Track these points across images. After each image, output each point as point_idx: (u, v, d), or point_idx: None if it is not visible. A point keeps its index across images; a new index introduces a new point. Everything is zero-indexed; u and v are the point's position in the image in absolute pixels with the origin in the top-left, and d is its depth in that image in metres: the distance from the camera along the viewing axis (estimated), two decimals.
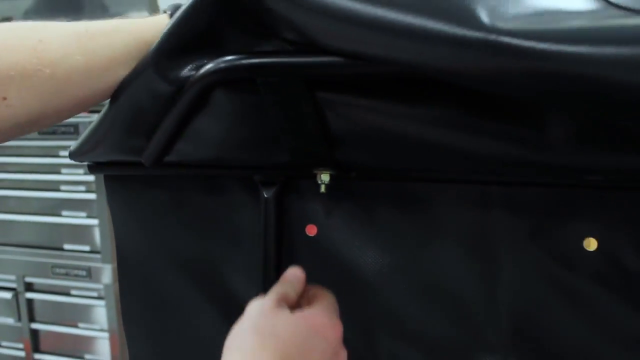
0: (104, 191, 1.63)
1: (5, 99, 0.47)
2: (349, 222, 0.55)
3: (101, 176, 0.63)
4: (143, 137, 0.53)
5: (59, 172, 1.72)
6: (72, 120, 1.60)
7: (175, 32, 0.48)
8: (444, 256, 0.53)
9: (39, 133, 1.66)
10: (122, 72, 0.51)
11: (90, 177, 1.66)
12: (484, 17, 0.36)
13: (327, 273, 0.56)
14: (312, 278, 0.55)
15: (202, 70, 0.45)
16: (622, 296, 0.49)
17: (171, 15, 0.51)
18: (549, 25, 0.35)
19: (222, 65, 0.45)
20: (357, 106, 0.47)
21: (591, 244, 0.49)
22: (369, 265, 0.55)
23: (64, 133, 1.66)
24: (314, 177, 0.52)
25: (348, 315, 0.55)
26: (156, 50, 0.48)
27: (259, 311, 0.47)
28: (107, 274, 1.65)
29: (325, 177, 0.51)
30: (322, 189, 0.52)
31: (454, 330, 0.54)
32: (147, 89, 0.48)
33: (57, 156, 1.70)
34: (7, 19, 1.91)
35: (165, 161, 0.54)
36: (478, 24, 0.36)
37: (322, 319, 0.48)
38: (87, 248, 1.67)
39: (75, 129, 1.65)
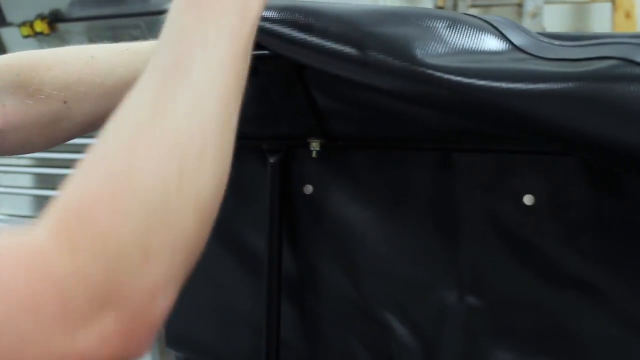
0: None
1: (65, 102, 0.61)
2: (338, 182, 0.67)
3: None
4: None
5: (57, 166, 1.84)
6: None
7: None
8: (414, 210, 0.65)
9: None
10: None
11: None
12: (418, 53, 0.50)
13: (320, 224, 0.68)
14: (308, 229, 0.68)
15: None
16: (555, 241, 0.60)
17: None
18: (466, 64, 0.49)
19: None
20: (339, 84, 0.59)
21: (529, 200, 0.61)
22: (353, 217, 0.67)
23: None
24: (308, 145, 0.64)
25: (336, 258, 0.68)
26: None
27: None
28: None
29: (316, 145, 0.64)
30: (314, 154, 0.64)
31: (422, 270, 0.65)
32: None
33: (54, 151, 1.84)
34: (55, 11, 2.05)
35: None
36: (412, 59, 0.50)
37: None
38: None
39: None
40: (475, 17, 0.54)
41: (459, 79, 0.48)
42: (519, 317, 0.63)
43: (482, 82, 0.48)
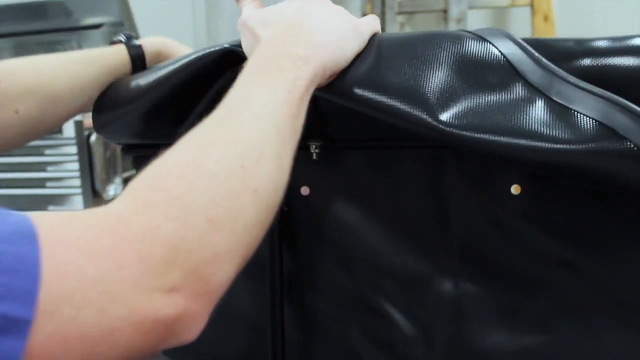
0: (88, 187, 1.79)
1: (17, 112, 0.66)
2: (334, 182, 0.71)
3: (87, 171, 0.83)
4: (170, 124, 0.68)
5: (44, 170, 1.83)
6: None
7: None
8: (408, 204, 0.69)
9: None
10: (96, 89, 0.73)
11: (74, 174, 1.78)
12: (433, 105, 0.57)
13: (318, 224, 0.71)
14: (305, 230, 0.71)
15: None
16: (540, 228, 0.66)
17: (126, 43, 0.76)
18: (483, 118, 0.56)
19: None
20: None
21: (516, 189, 0.66)
22: (349, 215, 0.71)
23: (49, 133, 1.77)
24: (308, 147, 0.68)
25: (334, 256, 0.72)
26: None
27: None
28: None
29: (316, 147, 0.67)
30: (314, 156, 0.67)
31: (417, 261, 0.70)
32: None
33: (42, 155, 1.82)
34: None
35: None
36: (428, 111, 0.57)
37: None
38: None
39: (59, 129, 1.77)
40: (486, 41, 0.59)
41: (477, 135, 0.55)
42: (510, 298, 0.68)
43: (498, 138, 0.54)
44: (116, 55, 0.76)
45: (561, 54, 0.59)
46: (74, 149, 1.78)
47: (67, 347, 0.33)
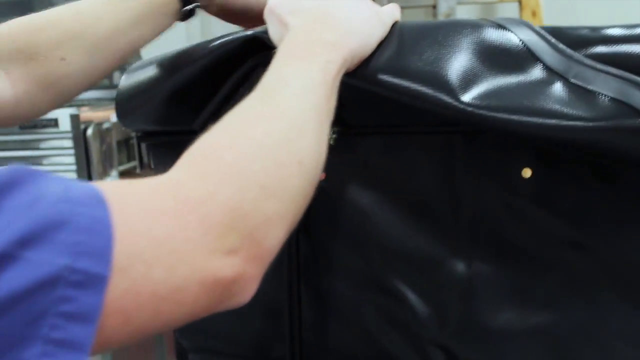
0: (85, 180, 1.80)
1: (63, 59, 0.64)
2: (349, 168, 0.73)
3: (83, 165, 0.81)
4: (191, 110, 0.70)
5: (40, 163, 1.83)
6: (51, 115, 1.73)
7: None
8: (421, 188, 0.71)
9: (20, 127, 1.78)
10: (144, 29, 0.69)
11: (70, 167, 1.79)
12: (455, 86, 0.59)
13: (333, 209, 0.73)
14: (321, 214, 0.73)
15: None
16: (549, 210, 0.68)
17: None
18: (506, 100, 0.58)
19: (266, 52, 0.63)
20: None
21: (527, 173, 0.68)
22: (364, 199, 0.73)
23: (44, 127, 1.78)
24: None
25: (349, 239, 0.74)
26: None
27: None
28: None
29: (333, 133, 0.69)
30: (331, 141, 0.69)
31: (430, 243, 0.72)
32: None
33: (38, 149, 1.82)
34: None
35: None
36: (450, 92, 0.59)
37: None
38: None
39: (55, 122, 1.77)
40: (505, 29, 0.62)
41: (498, 115, 0.57)
42: (520, 278, 0.70)
43: (518, 117, 0.57)
44: None
45: (576, 42, 0.61)
46: (70, 143, 1.78)
47: (139, 303, 0.35)
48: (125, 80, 0.74)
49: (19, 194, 0.35)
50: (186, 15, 0.72)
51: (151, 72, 0.72)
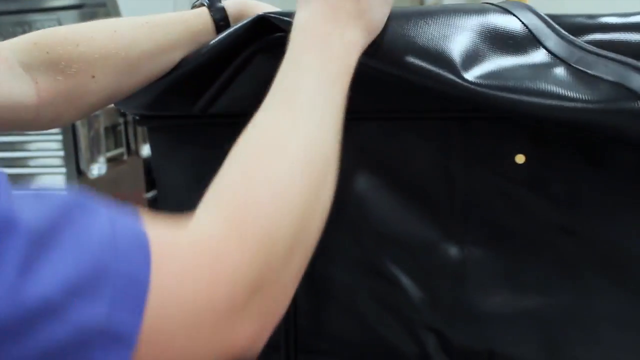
0: (73, 166, 1.79)
1: (93, 77, 0.64)
2: (345, 152, 0.73)
3: (71, 151, 0.81)
4: (191, 96, 0.70)
5: (27, 149, 1.83)
6: None
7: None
8: (416, 173, 0.72)
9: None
10: (178, 55, 0.70)
11: (58, 153, 1.78)
12: (459, 65, 0.60)
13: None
14: None
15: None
16: (542, 194, 0.70)
17: (209, 7, 0.70)
18: (509, 80, 0.59)
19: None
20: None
21: (520, 159, 0.70)
22: (359, 184, 0.74)
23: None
24: None
25: (344, 223, 0.75)
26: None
27: None
28: None
29: None
30: None
31: (424, 227, 0.73)
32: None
33: (24, 134, 1.81)
34: None
35: (209, 113, 0.71)
36: (453, 70, 0.59)
37: None
38: None
39: None
40: (509, 13, 0.63)
41: (500, 94, 0.58)
42: (512, 262, 0.72)
43: (520, 97, 0.58)
44: (199, 18, 0.72)
45: (573, 29, 0.63)
46: (57, 129, 1.78)
47: None
48: None
49: (69, 232, 0.35)
50: (221, 30, 0.72)
51: None
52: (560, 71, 0.59)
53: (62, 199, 0.36)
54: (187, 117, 0.73)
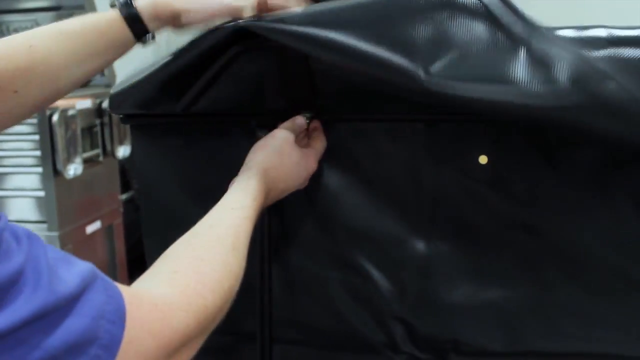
0: (49, 166, 1.80)
1: (16, 91, 0.67)
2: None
3: (48, 151, 0.82)
4: (174, 95, 0.74)
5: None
6: None
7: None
8: (386, 172, 0.77)
9: None
10: (98, 62, 0.73)
11: (35, 152, 1.79)
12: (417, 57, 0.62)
13: (304, 191, 0.78)
14: (292, 195, 0.77)
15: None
16: (504, 193, 0.74)
17: (120, 10, 0.71)
18: (456, 70, 0.61)
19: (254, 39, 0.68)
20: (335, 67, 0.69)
21: (483, 160, 0.74)
22: (332, 181, 0.78)
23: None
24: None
25: (318, 219, 0.79)
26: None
27: (284, 139, 0.70)
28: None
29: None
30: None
31: (393, 223, 0.77)
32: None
33: (3, 134, 1.82)
34: None
35: (191, 111, 0.74)
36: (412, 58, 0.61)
37: (312, 159, 0.74)
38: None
39: None
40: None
41: (460, 92, 0.61)
42: (475, 257, 0.76)
43: (480, 97, 0.61)
44: (112, 23, 0.72)
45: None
46: (34, 128, 1.79)
47: None
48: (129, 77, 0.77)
49: (83, 301, 0.45)
50: (144, 41, 0.74)
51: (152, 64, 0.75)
52: (521, 57, 0.60)
53: (84, 277, 0.46)
54: (170, 116, 0.76)
